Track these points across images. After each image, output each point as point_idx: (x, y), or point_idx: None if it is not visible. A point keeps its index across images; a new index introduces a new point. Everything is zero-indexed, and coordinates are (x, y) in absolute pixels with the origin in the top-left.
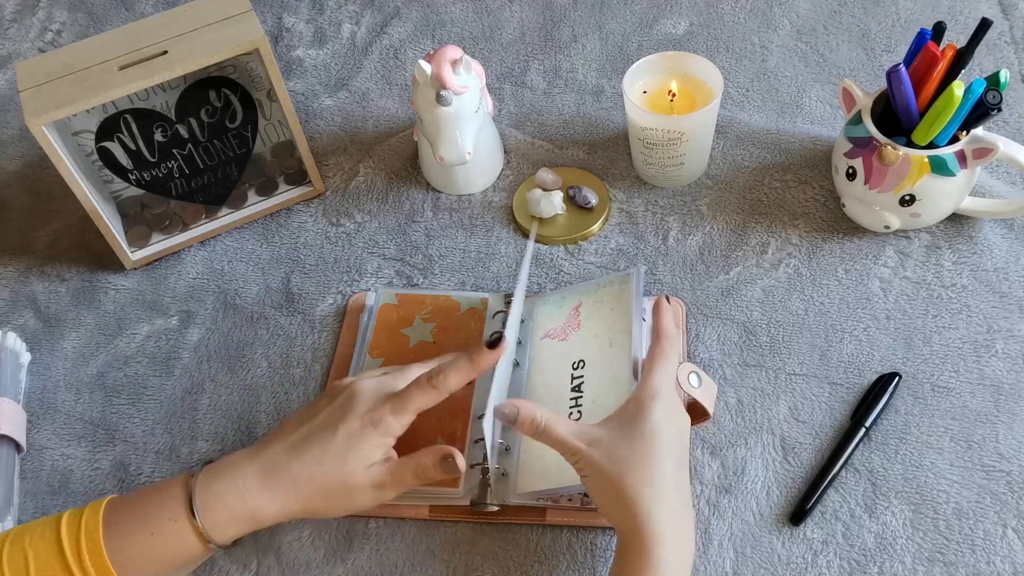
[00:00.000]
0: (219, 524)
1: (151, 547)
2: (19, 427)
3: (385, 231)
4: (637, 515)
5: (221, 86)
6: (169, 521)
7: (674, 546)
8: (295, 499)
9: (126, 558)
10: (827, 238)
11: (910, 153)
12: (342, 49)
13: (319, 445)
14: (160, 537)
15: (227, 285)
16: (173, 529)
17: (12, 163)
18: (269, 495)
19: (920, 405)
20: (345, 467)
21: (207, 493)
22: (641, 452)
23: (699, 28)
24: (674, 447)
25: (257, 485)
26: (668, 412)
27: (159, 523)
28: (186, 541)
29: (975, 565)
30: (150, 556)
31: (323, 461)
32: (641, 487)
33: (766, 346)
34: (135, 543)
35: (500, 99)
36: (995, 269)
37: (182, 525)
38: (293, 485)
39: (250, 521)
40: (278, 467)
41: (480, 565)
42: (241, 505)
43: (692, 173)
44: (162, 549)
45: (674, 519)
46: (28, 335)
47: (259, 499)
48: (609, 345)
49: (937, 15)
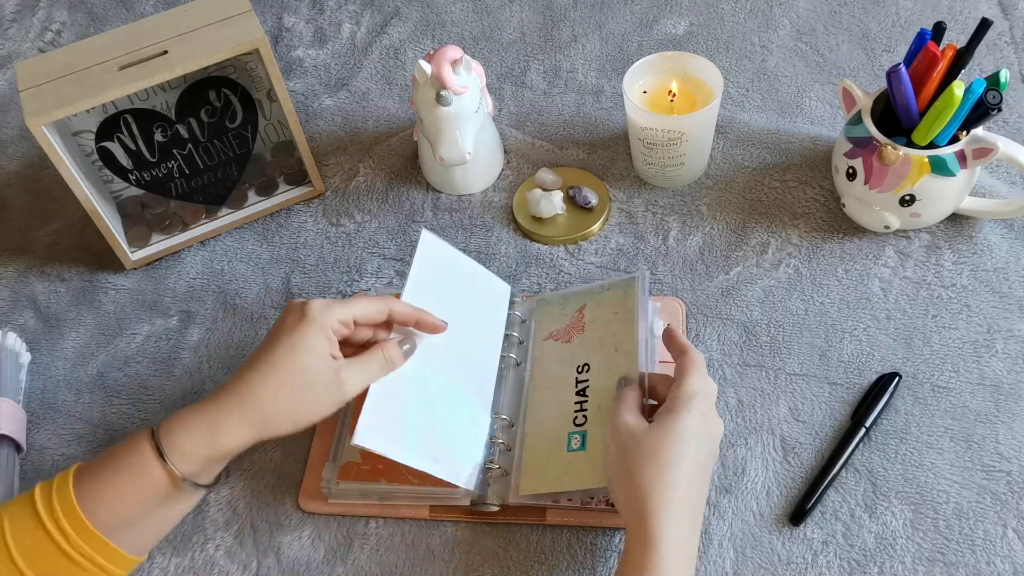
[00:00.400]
0: (178, 443)
1: (117, 484)
2: (19, 427)
3: (385, 231)
4: (646, 509)
5: (221, 86)
6: (132, 453)
7: (679, 546)
8: (256, 406)
9: (95, 500)
10: (827, 238)
11: (910, 153)
12: (342, 49)
13: (268, 349)
14: (125, 472)
15: (227, 285)
16: (136, 458)
17: (12, 163)
18: (226, 406)
19: (920, 405)
20: (295, 359)
21: (168, 421)
22: (665, 449)
23: (699, 28)
24: (699, 451)
25: (215, 404)
26: (702, 415)
27: (125, 460)
28: (148, 467)
29: (975, 565)
30: (117, 494)
31: (272, 360)
32: (656, 483)
33: (766, 346)
34: (102, 483)
35: (500, 99)
36: (995, 269)
37: (144, 452)
38: (250, 392)
39: (210, 437)
40: (235, 384)
41: (480, 565)
42: (199, 420)
43: (692, 173)
44: (128, 485)
45: (683, 521)
46: (28, 335)
47: (218, 414)
48: (615, 350)
49: (937, 15)
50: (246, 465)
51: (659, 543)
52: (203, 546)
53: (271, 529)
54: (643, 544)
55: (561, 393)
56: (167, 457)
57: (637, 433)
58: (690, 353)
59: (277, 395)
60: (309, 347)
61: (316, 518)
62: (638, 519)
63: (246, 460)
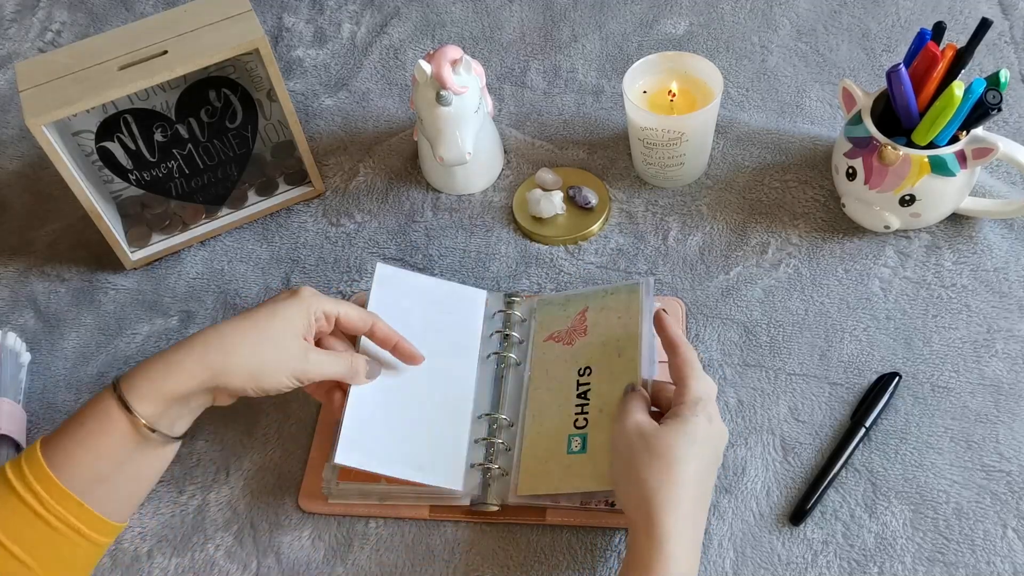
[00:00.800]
0: (136, 384)
1: (81, 435)
2: (19, 427)
3: (385, 231)
4: (653, 507)
5: (221, 86)
6: (95, 404)
7: (685, 546)
8: (218, 348)
9: (63, 456)
10: (827, 238)
11: (910, 153)
12: (342, 49)
13: (251, 310)
14: (88, 422)
15: (227, 285)
16: (98, 406)
17: (12, 163)
18: (189, 345)
19: (920, 405)
20: (271, 320)
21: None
22: (674, 449)
23: (699, 28)
24: (705, 453)
25: (179, 345)
26: (708, 419)
27: (87, 409)
28: (109, 412)
29: (975, 565)
30: (82, 447)
31: (250, 315)
32: (664, 481)
33: (766, 346)
34: (68, 439)
35: (500, 99)
36: (995, 269)
37: (105, 398)
38: (216, 333)
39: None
40: (205, 329)
41: (480, 565)
42: (158, 360)
43: (692, 173)
44: (92, 432)
45: (689, 520)
46: (28, 335)
47: (179, 353)
48: (617, 355)
49: (937, 15)
50: (246, 465)
51: (665, 541)
52: (203, 546)
53: (271, 529)
54: (649, 541)
55: (562, 395)
56: (125, 399)
57: (647, 432)
58: (682, 351)
59: (242, 343)
60: (288, 318)
61: (316, 518)
62: (645, 516)
63: (246, 460)
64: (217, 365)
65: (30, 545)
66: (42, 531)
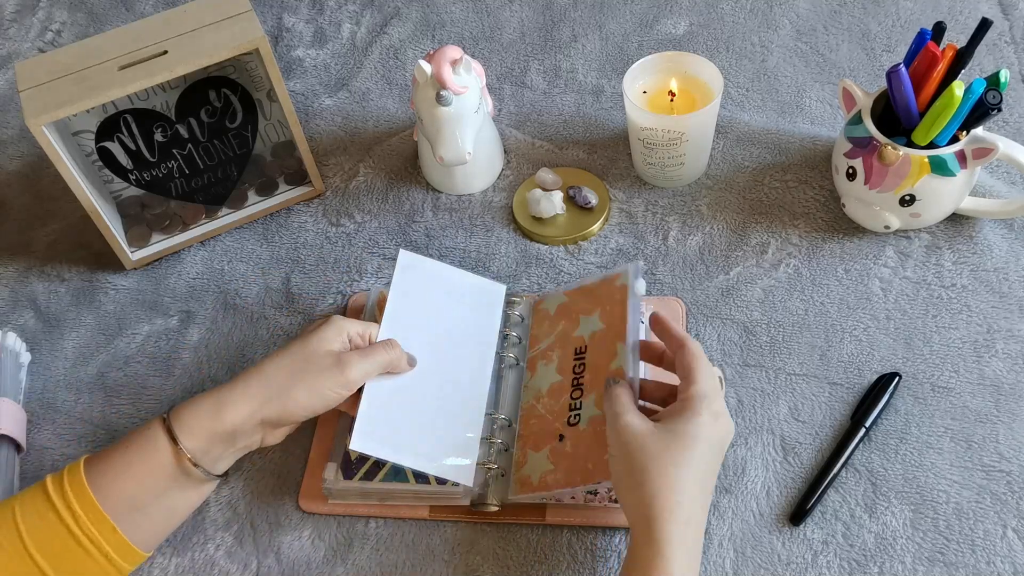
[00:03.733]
0: (184, 418)
1: (127, 463)
2: (19, 427)
3: (385, 231)
4: (653, 512)
5: (221, 86)
6: (143, 431)
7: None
8: (260, 382)
9: (105, 481)
10: (827, 238)
11: (910, 153)
12: (342, 49)
13: (288, 345)
14: (135, 449)
15: (227, 285)
16: (146, 434)
17: (12, 163)
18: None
19: (920, 405)
20: (306, 345)
21: (181, 406)
22: (673, 452)
23: (699, 28)
24: (708, 454)
25: (225, 384)
26: (714, 417)
27: (135, 436)
28: (156, 442)
29: (975, 565)
30: (127, 473)
31: (287, 347)
32: (662, 487)
33: (766, 346)
34: (113, 463)
35: (500, 99)
36: (995, 269)
37: (153, 428)
38: (257, 370)
39: (214, 411)
40: (247, 368)
41: (480, 565)
42: (207, 397)
43: (692, 173)
44: (136, 459)
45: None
46: (28, 335)
47: (224, 391)
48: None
49: (937, 15)
50: (246, 465)
51: (664, 546)
52: (203, 546)
53: (271, 529)
54: (649, 547)
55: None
56: (174, 431)
57: (642, 435)
58: (689, 346)
59: (280, 372)
60: (321, 338)
61: (316, 518)
62: (644, 521)
63: (247, 461)
64: (260, 397)
65: (57, 560)
66: (72, 549)
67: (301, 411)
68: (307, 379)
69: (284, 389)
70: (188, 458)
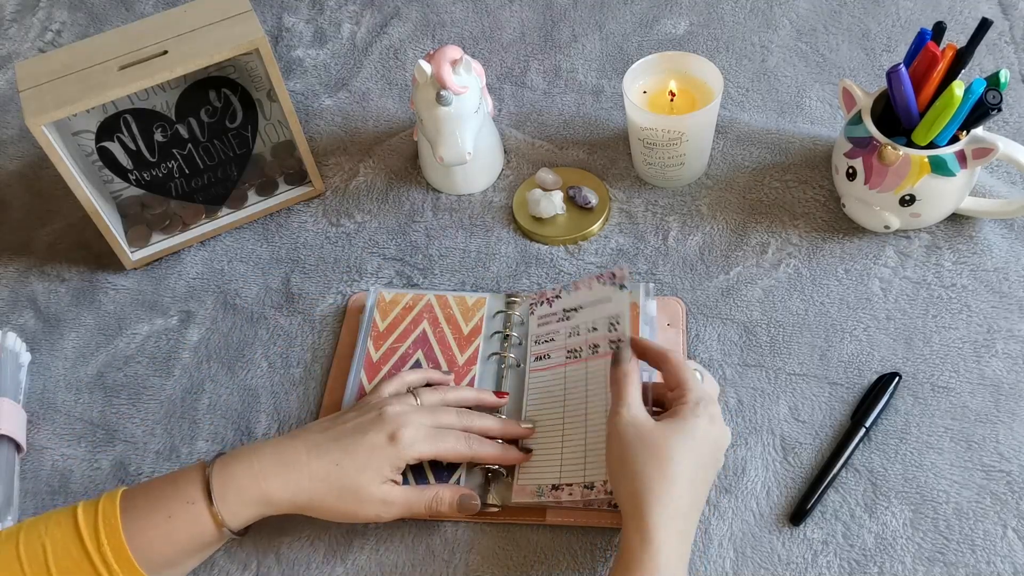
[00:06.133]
0: (233, 505)
1: (168, 530)
2: (19, 427)
3: (385, 231)
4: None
5: (221, 86)
6: (186, 504)
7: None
8: (307, 491)
9: (144, 541)
10: (827, 238)
11: (910, 153)
12: (342, 49)
13: (341, 449)
14: (177, 520)
15: (227, 285)
16: (190, 512)
17: (12, 163)
18: (282, 481)
19: (920, 405)
20: (362, 475)
21: (224, 475)
22: (669, 447)
23: (699, 28)
24: (702, 453)
25: (273, 472)
26: (710, 418)
27: (177, 505)
28: (201, 524)
29: (975, 565)
30: (166, 539)
31: (343, 464)
32: (656, 478)
33: (766, 346)
34: (152, 525)
35: (500, 99)
36: (995, 269)
37: (199, 507)
38: (308, 479)
39: (262, 504)
40: (298, 461)
41: (480, 565)
42: (255, 487)
43: (692, 173)
44: (178, 532)
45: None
46: (28, 335)
47: (273, 484)
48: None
49: (937, 15)
50: None
51: (655, 534)
52: None
53: (271, 529)
54: (638, 535)
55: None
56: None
57: (642, 427)
58: (672, 358)
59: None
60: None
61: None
62: (635, 510)
63: None
64: (305, 508)
65: None
66: None
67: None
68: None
69: (326, 506)
70: (227, 528)
